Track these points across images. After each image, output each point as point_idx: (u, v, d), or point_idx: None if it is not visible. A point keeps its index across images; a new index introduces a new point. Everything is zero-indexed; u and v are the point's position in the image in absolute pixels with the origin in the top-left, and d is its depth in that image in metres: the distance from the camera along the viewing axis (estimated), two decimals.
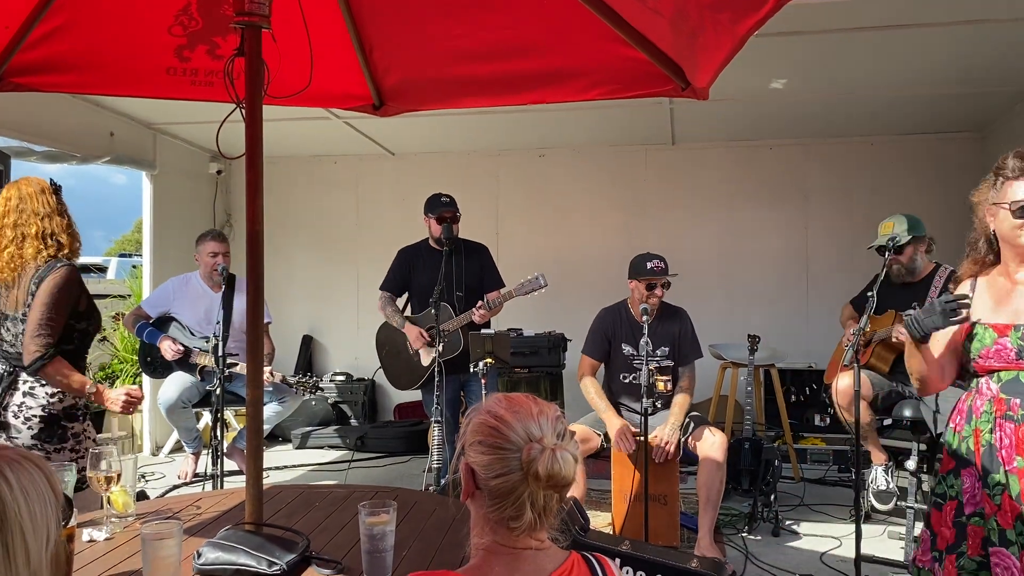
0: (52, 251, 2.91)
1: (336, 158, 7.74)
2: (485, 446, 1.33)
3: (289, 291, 7.62)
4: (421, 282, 4.78)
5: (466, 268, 4.73)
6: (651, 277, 4.19)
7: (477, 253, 4.86)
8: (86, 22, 2.74)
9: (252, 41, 2.15)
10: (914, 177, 6.83)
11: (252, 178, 2.13)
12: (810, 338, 6.66)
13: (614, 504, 4.21)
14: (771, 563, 4.02)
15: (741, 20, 1.90)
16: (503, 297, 4.55)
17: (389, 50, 3.03)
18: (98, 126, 5.97)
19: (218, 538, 1.98)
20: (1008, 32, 4.47)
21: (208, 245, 5.10)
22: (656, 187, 7.27)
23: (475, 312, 4.49)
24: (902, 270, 4.14)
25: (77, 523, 2.20)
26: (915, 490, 4.08)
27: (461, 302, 4.65)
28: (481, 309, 4.48)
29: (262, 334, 2.20)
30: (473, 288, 4.72)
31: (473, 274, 4.76)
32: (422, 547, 2.12)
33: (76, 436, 3.00)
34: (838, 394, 4.14)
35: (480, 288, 4.75)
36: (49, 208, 2.94)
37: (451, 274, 4.63)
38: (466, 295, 4.68)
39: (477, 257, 4.83)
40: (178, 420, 5.21)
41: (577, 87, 2.91)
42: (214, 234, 5.19)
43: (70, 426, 2.99)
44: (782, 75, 5.26)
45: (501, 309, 4.66)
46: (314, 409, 7.15)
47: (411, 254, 4.92)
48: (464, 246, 4.80)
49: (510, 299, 4.55)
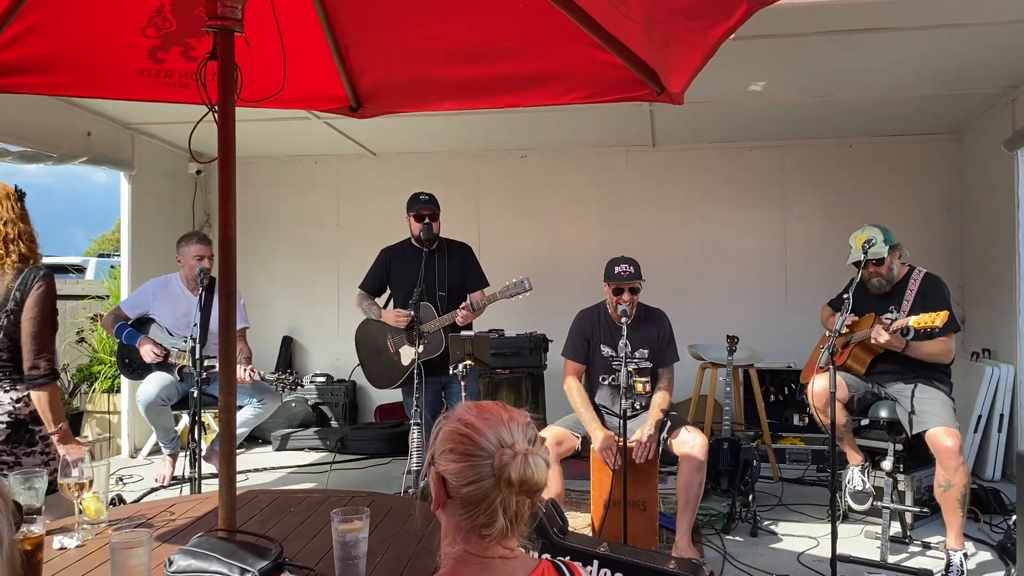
0: (15, 257, 2.89)
1: (316, 158, 7.71)
2: (456, 454, 1.33)
3: (269, 292, 7.59)
4: (403, 281, 4.73)
5: (449, 267, 4.72)
6: (618, 282, 4.21)
7: (460, 252, 4.85)
8: (59, 23, 2.71)
9: (225, 45, 2.14)
10: (892, 178, 6.90)
11: (225, 182, 2.12)
12: (789, 338, 6.70)
13: (593, 510, 4.20)
14: (749, 563, 4.04)
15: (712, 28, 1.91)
16: (487, 299, 4.54)
17: (366, 52, 3.02)
18: (75, 126, 5.91)
19: (190, 545, 1.97)
20: (983, 36, 4.52)
21: (193, 248, 5.03)
22: (637, 188, 7.29)
23: (458, 313, 4.48)
24: (883, 281, 4.15)
25: (47, 531, 2.17)
26: (891, 490, 4.12)
27: (444, 302, 4.63)
28: (464, 310, 4.47)
29: (235, 339, 2.19)
30: (456, 287, 4.71)
31: (456, 273, 4.74)
32: (396, 553, 2.12)
33: (45, 439, 2.97)
34: (813, 396, 4.16)
35: (463, 287, 4.73)
36: (13, 214, 2.92)
37: (433, 273, 4.63)
38: (449, 295, 4.67)
39: (460, 256, 4.82)
40: (156, 419, 5.16)
41: (554, 91, 2.92)
42: (199, 236, 5.13)
43: (38, 429, 2.96)
44: (761, 78, 5.29)
45: (484, 311, 4.65)
46: (294, 411, 7.12)
47: (392, 253, 4.90)
48: (447, 245, 4.79)
49: (494, 301, 4.54)
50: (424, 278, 4.44)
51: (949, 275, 5.82)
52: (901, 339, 3.95)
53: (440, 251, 4.73)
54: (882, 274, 4.12)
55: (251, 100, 2.52)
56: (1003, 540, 4.15)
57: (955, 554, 3.80)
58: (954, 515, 3.82)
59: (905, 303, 4.11)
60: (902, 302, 4.13)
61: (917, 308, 4.00)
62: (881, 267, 4.09)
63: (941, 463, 3.83)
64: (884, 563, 3.95)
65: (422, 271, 4.37)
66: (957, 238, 6.74)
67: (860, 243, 4.07)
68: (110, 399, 6.70)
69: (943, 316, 3.68)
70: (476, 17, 2.73)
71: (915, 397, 4.02)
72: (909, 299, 4.11)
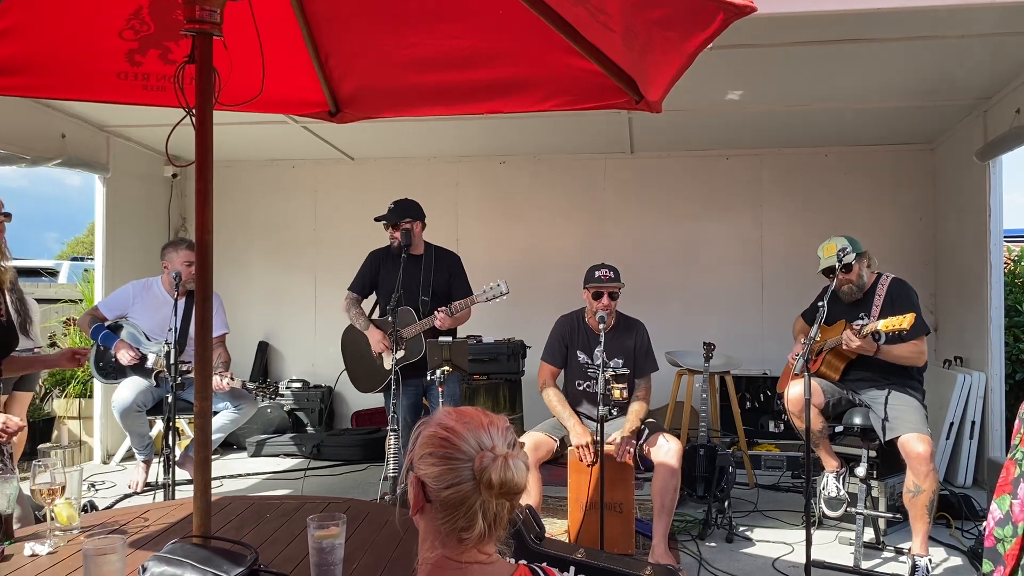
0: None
1: (294, 162, 7.68)
2: (436, 457, 1.33)
3: (245, 297, 7.52)
4: (388, 285, 4.74)
5: (435, 274, 4.74)
6: (598, 285, 4.23)
7: (447, 260, 4.86)
8: (35, 25, 2.69)
9: (203, 48, 2.12)
10: (866, 187, 6.98)
11: (202, 187, 2.11)
12: (764, 345, 6.76)
13: (570, 512, 4.22)
14: (724, 569, 4.07)
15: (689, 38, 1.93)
16: (464, 303, 4.56)
17: (345, 58, 3.01)
18: (49, 128, 5.85)
19: (164, 552, 1.94)
20: (957, 48, 4.59)
21: (183, 253, 4.99)
22: (615, 195, 7.33)
23: (436, 317, 4.49)
24: (853, 288, 4.20)
25: (17, 539, 2.15)
26: (864, 496, 4.16)
27: (427, 307, 4.65)
28: (442, 313, 4.49)
29: (211, 343, 2.17)
30: (441, 295, 4.72)
31: (441, 281, 4.76)
32: (372, 560, 2.11)
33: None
34: (789, 402, 4.20)
35: (448, 295, 4.74)
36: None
37: (416, 279, 4.65)
38: (432, 301, 4.68)
39: (447, 264, 4.83)
40: (131, 424, 5.12)
41: (533, 98, 2.93)
42: (188, 243, 5.10)
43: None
44: (738, 87, 5.34)
45: (467, 316, 4.69)
46: (270, 417, 7.06)
47: (380, 256, 4.93)
48: (435, 252, 4.82)
49: (472, 305, 4.57)
50: (406, 283, 4.46)
51: (922, 283, 5.91)
52: (872, 343, 4.00)
53: (427, 257, 4.75)
54: (852, 280, 4.18)
55: (229, 104, 2.51)
56: (974, 545, 4.21)
57: (921, 559, 3.84)
58: (921, 521, 3.86)
59: (875, 308, 4.16)
60: (871, 308, 4.18)
61: (886, 312, 4.05)
62: (850, 273, 4.15)
63: (912, 468, 3.87)
64: (858, 569, 3.99)
65: (399, 277, 4.38)
66: (930, 247, 6.83)
67: (828, 253, 4.13)
68: (82, 404, 6.61)
69: (910, 319, 3.72)
70: (457, 24, 2.74)
71: (888, 404, 4.07)
72: (878, 304, 4.17)
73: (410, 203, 4.76)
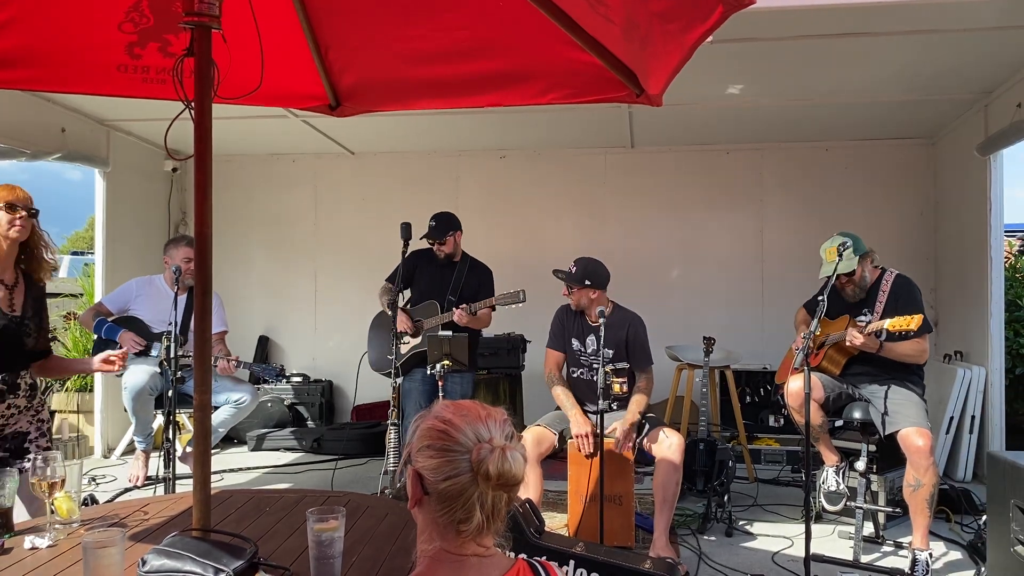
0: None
1: (294, 156, 7.67)
2: (434, 450, 1.33)
3: (245, 291, 7.52)
4: (420, 284, 5.10)
5: (466, 280, 5.04)
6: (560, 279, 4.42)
7: (480, 271, 5.15)
8: (34, 17, 2.68)
9: (201, 41, 2.12)
10: (867, 181, 6.97)
11: (201, 180, 2.10)
12: (765, 340, 6.75)
13: (570, 505, 4.23)
14: (724, 563, 4.07)
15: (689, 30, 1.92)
16: (482, 304, 4.80)
17: (345, 51, 3.00)
18: (49, 122, 5.84)
19: (164, 544, 1.95)
20: (957, 42, 4.58)
21: (183, 250, 5.01)
22: (615, 190, 7.32)
23: (455, 311, 4.73)
24: (856, 290, 4.19)
25: (17, 532, 2.15)
26: (864, 491, 4.16)
27: (451, 305, 4.88)
28: (460, 310, 4.73)
29: (210, 337, 2.17)
30: (467, 300, 4.93)
31: (471, 288, 5.02)
32: (371, 552, 2.12)
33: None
34: (789, 396, 4.20)
35: (473, 301, 4.93)
36: None
37: (448, 280, 5.01)
38: (458, 302, 4.90)
39: (478, 274, 5.12)
40: (140, 408, 5.09)
41: (533, 91, 2.92)
42: (188, 240, 5.11)
43: None
44: (738, 81, 5.33)
45: (488, 321, 5.01)
46: (270, 411, 7.07)
47: (419, 257, 5.11)
48: (470, 262, 5.13)
49: (490, 306, 4.83)
50: (437, 281, 4.96)
51: (923, 278, 5.90)
52: (875, 340, 3.99)
53: (461, 264, 5.09)
54: (855, 283, 4.17)
55: (228, 97, 2.50)
56: (973, 540, 4.21)
57: (921, 554, 3.84)
58: (921, 515, 3.86)
59: (878, 304, 4.15)
60: (875, 304, 4.16)
61: (889, 310, 4.04)
62: (853, 277, 4.14)
63: (912, 463, 3.87)
64: (857, 563, 3.99)
65: (433, 272, 4.89)
66: (931, 241, 6.82)
67: (829, 257, 4.10)
68: (82, 398, 6.62)
69: (918, 319, 3.73)
70: (456, 16, 2.73)
71: (888, 398, 4.06)
72: (882, 301, 4.15)
73: (449, 216, 5.05)
